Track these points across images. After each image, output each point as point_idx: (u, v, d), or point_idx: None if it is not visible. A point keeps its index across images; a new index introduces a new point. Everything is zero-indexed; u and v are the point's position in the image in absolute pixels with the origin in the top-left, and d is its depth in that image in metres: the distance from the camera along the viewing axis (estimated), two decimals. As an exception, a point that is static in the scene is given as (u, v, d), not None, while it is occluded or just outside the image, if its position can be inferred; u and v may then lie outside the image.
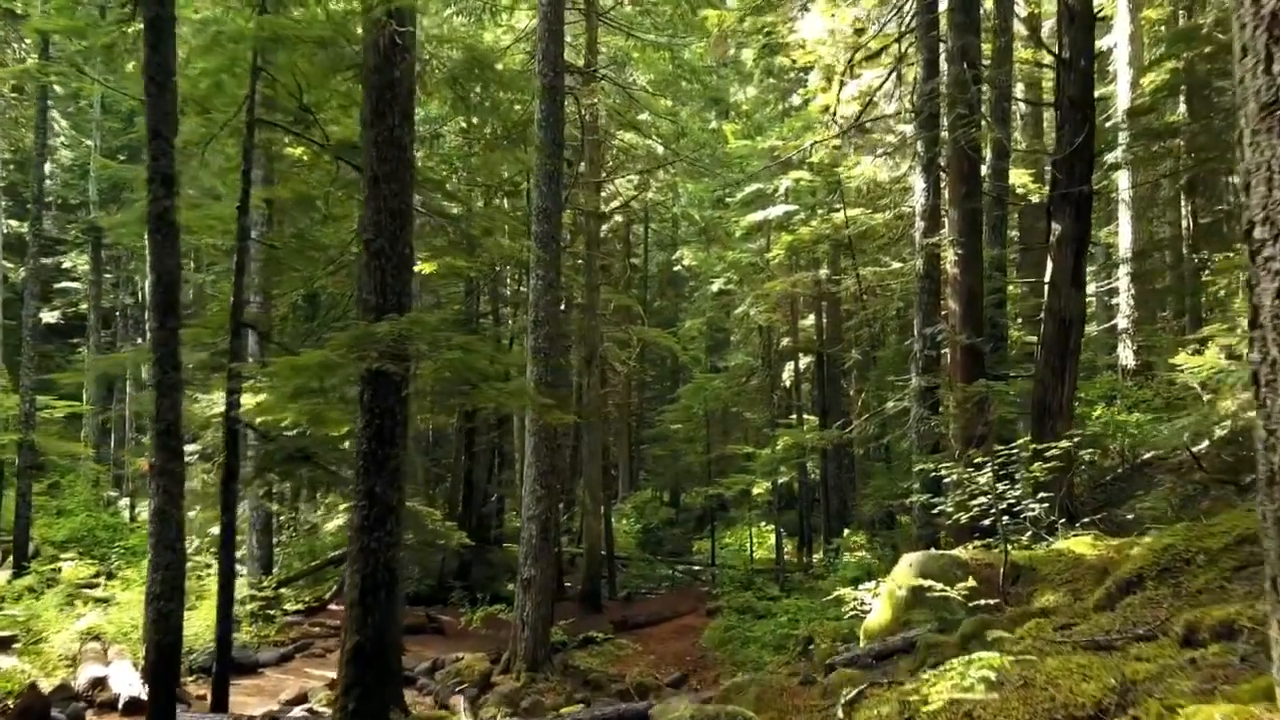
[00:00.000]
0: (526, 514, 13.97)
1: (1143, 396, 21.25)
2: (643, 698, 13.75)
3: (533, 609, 13.69)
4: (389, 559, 6.57)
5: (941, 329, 12.25)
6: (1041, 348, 12.31)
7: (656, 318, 36.88)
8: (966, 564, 8.21)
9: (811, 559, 24.65)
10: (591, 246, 21.00)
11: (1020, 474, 8.13)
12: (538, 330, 13.95)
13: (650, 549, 31.08)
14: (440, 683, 13.10)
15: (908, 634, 7.56)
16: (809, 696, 6.86)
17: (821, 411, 24.61)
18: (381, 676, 6.52)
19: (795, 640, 15.40)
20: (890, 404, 13.08)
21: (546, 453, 13.89)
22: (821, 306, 25.51)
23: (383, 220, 6.78)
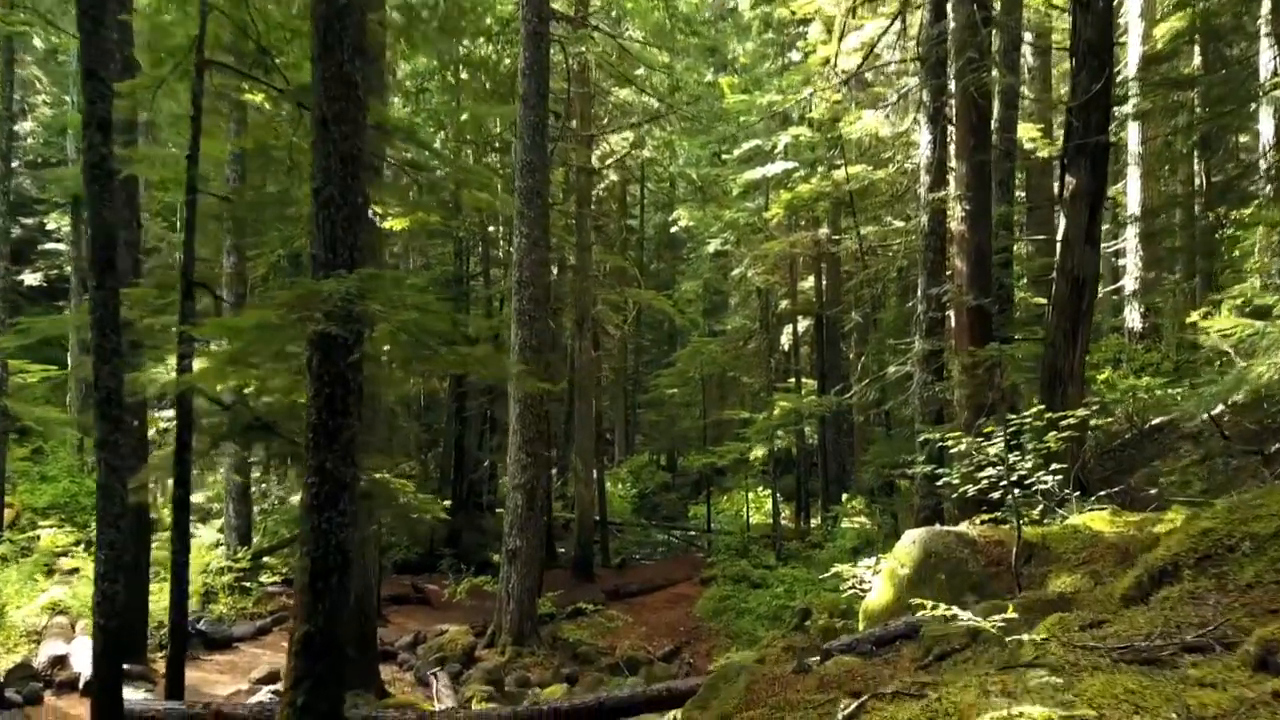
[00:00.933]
0: (512, 483, 13.40)
1: (1149, 360, 20.63)
2: (633, 672, 13.28)
3: (518, 581, 13.17)
4: (342, 540, 5.97)
5: (947, 289, 11.59)
6: (1052, 309, 11.65)
7: (653, 280, 36.14)
8: (974, 542, 7.62)
9: (809, 525, 24.17)
10: (583, 205, 20.26)
11: (1031, 444, 7.51)
12: (522, 292, 13.29)
13: (646, 514, 30.63)
14: (422, 658, 12.60)
15: (911, 618, 6.99)
16: (803, 689, 6.29)
17: (820, 376, 24.02)
18: (335, 668, 5.94)
19: (791, 612, 14.90)
20: (892, 369, 12.45)
21: (532, 420, 13.29)
22: (821, 268, 24.80)
23: (332, 166, 6.09)
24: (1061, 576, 6.73)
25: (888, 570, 7.99)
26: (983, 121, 12.08)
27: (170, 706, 7.42)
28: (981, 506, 8.87)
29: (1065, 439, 7.67)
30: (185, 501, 8.15)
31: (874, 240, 20.57)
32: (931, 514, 11.59)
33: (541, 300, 13.45)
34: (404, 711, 7.31)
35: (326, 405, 6.04)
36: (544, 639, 13.66)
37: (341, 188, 6.15)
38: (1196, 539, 4.87)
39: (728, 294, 33.22)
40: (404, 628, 15.02)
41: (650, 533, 27.64)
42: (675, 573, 20.42)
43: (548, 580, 19.71)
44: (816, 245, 22.14)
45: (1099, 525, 7.52)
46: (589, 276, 20.15)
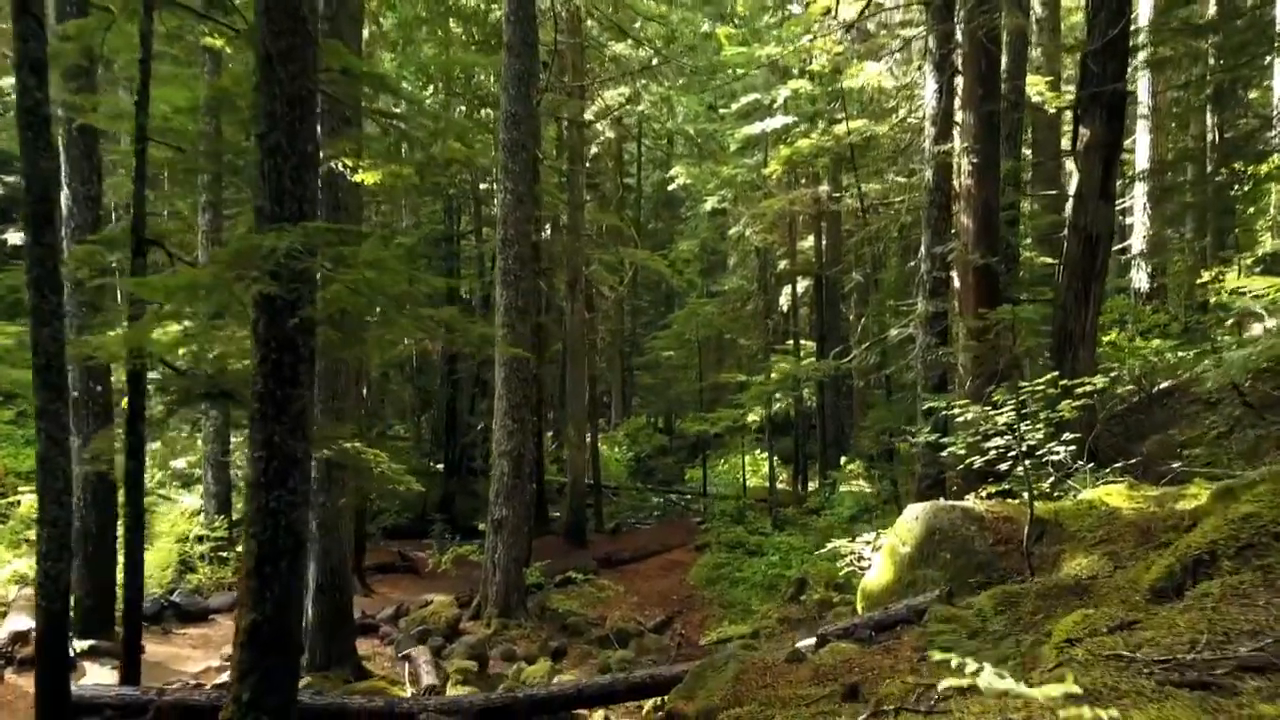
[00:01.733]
0: (498, 450, 12.90)
1: (1156, 321, 20.05)
2: (623, 644, 12.87)
3: (505, 551, 12.71)
4: (293, 521, 5.45)
5: (952, 248, 11.00)
6: (1063, 268, 11.07)
7: (651, 240, 35.42)
8: (981, 518, 7.11)
9: (806, 488, 23.75)
10: (575, 161, 19.56)
11: (1043, 413, 6.97)
12: (507, 250, 12.69)
13: (642, 478, 30.22)
14: (404, 631, 12.17)
15: (913, 601, 6.50)
16: (796, 680, 5.81)
17: (819, 338, 23.46)
18: (286, 661, 5.45)
19: (787, 582, 14.50)
20: (893, 331, 11.89)
21: (518, 384, 12.75)
22: (821, 227, 24.13)
23: (278, 110, 5.49)
24: (1077, 558, 6.22)
25: (888, 547, 7.50)
26: (992, 69, 11.42)
27: (122, 693, 6.96)
28: (987, 478, 8.35)
29: (1080, 407, 7.14)
30: (139, 475, 7.61)
31: (875, 198, 19.90)
32: (933, 483, 11.10)
33: (527, 260, 12.85)
34: (370, 697, 6.85)
35: (274, 373, 5.49)
36: (531, 610, 13.24)
37: (289, 134, 5.55)
38: (1237, 525, 4.34)
39: (726, 254, 32.57)
40: (388, 598, 14.60)
41: (646, 496, 27.24)
42: (670, 538, 20.00)
43: (539, 547, 19.32)
44: (816, 203, 21.45)
45: (1115, 500, 7.01)
46: (581, 236, 19.50)
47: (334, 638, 9.81)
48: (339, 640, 9.87)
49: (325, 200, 9.74)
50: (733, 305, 26.47)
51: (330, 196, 9.72)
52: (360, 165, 9.11)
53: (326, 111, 9.64)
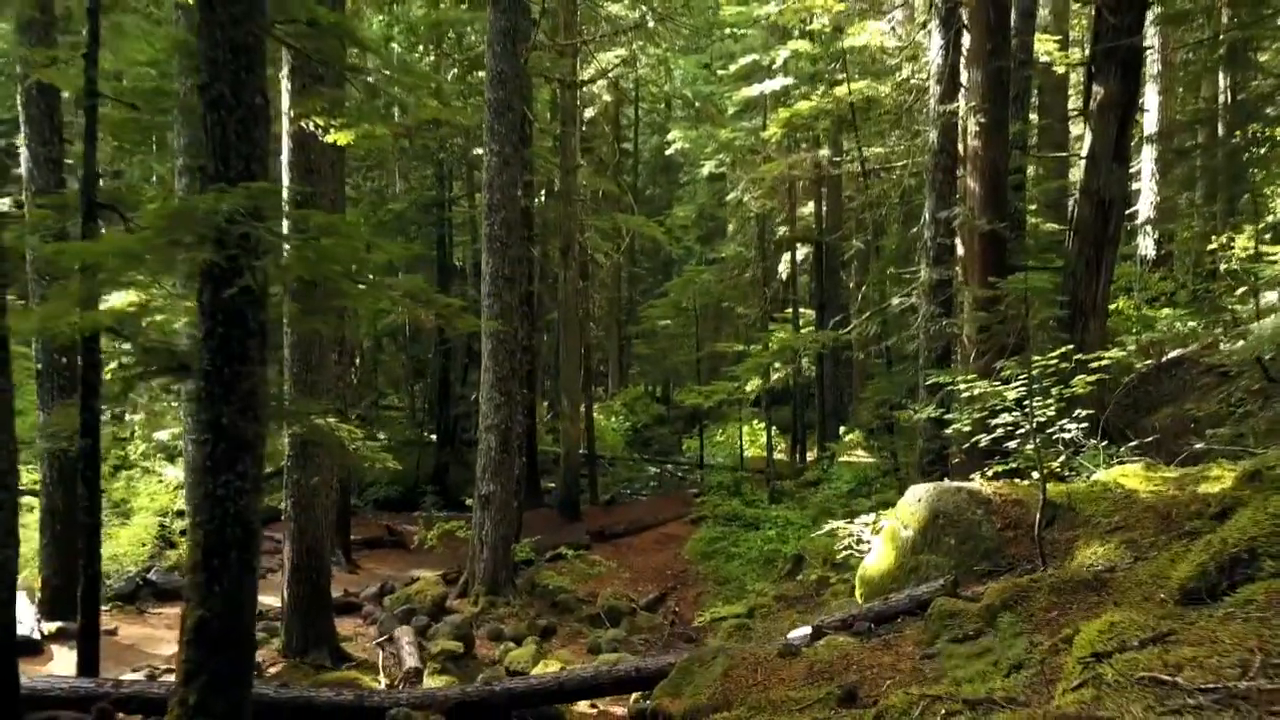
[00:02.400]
0: (484, 423, 12.46)
1: (1163, 289, 19.55)
2: (614, 623, 12.51)
3: (492, 528, 12.32)
4: (242, 509, 5.02)
5: (958, 212, 10.48)
6: (1074, 234, 10.60)
7: (649, 206, 34.79)
8: (988, 501, 6.68)
9: (804, 459, 23.36)
10: (567, 123, 18.96)
11: (1055, 389, 6.51)
12: (493, 216, 12.18)
13: (638, 448, 29.84)
14: (388, 610, 11.78)
15: (915, 590, 6.08)
16: (790, 677, 5.40)
17: (819, 306, 22.97)
18: (237, 661, 5.03)
19: (784, 559, 14.13)
20: (895, 300, 11.39)
21: (505, 356, 12.29)
22: (821, 192, 23.55)
23: (220, 57, 4.97)
24: (1092, 545, 5.79)
25: (889, 531, 7.08)
26: (1001, 23, 10.85)
27: (76, 685, 6.56)
28: (993, 456, 7.92)
29: (1095, 382, 6.68)
30: (93, 453, 7.17)
31: (877, 162, 19.31)
32: (935, 459, 10.67)
33: (514, 225, 12.33)
34: (339, 690, 6.46)
35: (221, 349, 5.03)
36: (520, 587, 12.87)
37: (233, 84, 5.04)
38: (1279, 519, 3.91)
39: (725, 220, 31.95)
40: (374, 574, 14.23)
41: (642, 467, 26.88)
42: (665, 511, 19.62)
43: (532, 520, 18.96)
44: (816, 168, 20.85)
45: (1132, 482, 6.57)
46: (574, 201, 18.93)
47: (311, 620, 9.43)
48: (316, 622, 9.48)
49: (296, 163, 9.23)
50: (731, 273, 25.92)
51: (301, 159, 9.20)
52: (332, 125, 8.58)
53: (296, 68, 9.11)
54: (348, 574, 13.97)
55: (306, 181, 9.19)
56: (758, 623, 11.52)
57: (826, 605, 11.03)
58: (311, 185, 9.20)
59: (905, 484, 15.46)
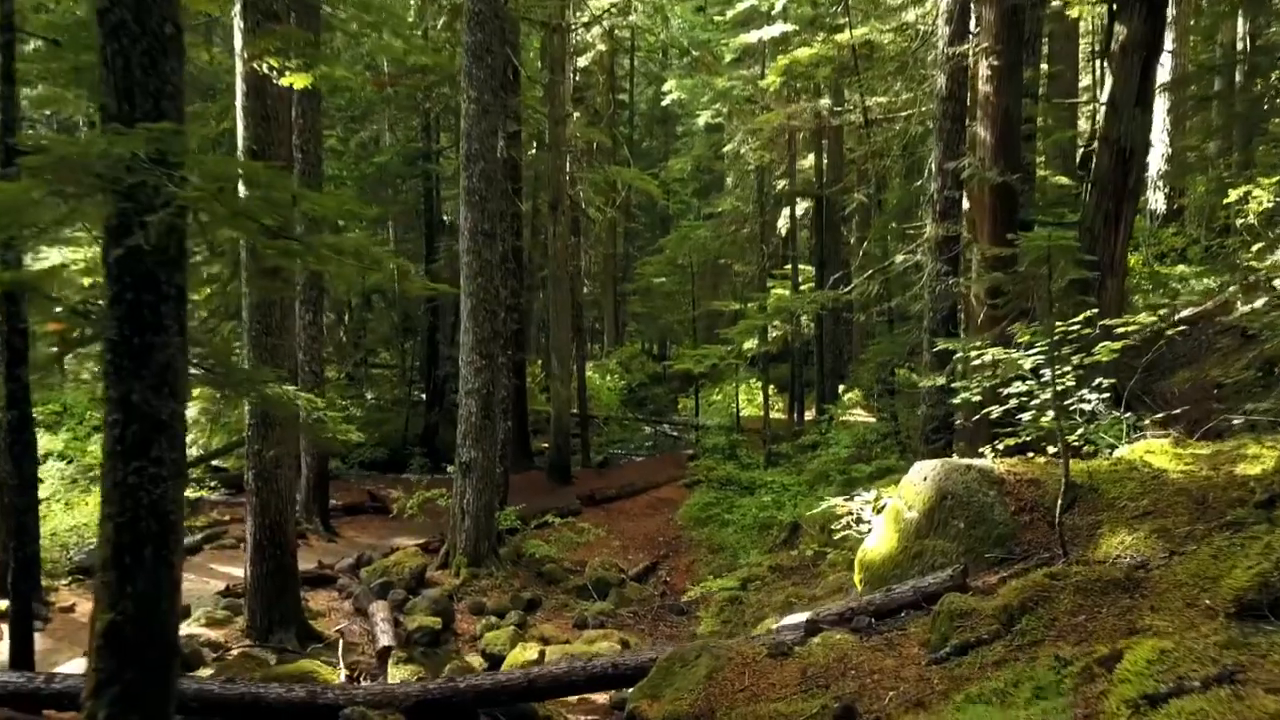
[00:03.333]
0: (465, 388, 11.85)
1: (1173, 244, 18.85)
2: (602, 595, 12.00)
3: (474, 496, 11.76)
4: (158, 500, 4.41)
5: (967, 163, 9.77)
6: (1092, 187, 9.88)
7: (645, 159, 33.89)
8: (1001, 480, 6.08)
9: (802, 419, 22.80)
10: (556, 71, 18.09)
11: (1075, 356, 5.87)
12: (471, 166, 11.45)
13: (634, 407, 29.28)
14: (364, 583, 11.26)
15: (921, 581, 5.50)
16: (781, 681, 4.84)
17: (819, 263, 22.27)
18: (155, 670, 4.45)
19: (779, 527, 13.60)
20: (899, 258, 10.71)
21: (486, 316, 11.63)
22: (822, 145, 22.74)
23: (121, -24, 4.26)
24: (1118, 533, 5.20)
25: (891, 511, 6.48)
26: (1017, -43, 10.03)
27: (5, 680, 6.00)
28: (1003, 427, 7.28)
29: (1122, 349, 6.04)
30: (21, 426, 6.55)
31: (880, 112, 18.49)
32: (940, 426, 10.08)
33: (494, 178, 11.61)
34: (290, 686, 5.91)
35: (130, 316, 4.37)
36: (504, 557, 12.34)
37: (136, 9, 4.32)
38: (1359, 523, 3.29)
39: (723, 173, 31.07)
40: (354, 543, 13.70)
41: (637, 427, 26.34)
42: (658, 474, 19.09)
43: (522, 484, 18.43)
44: (817, 118, 20.01)
45: (1159, 460, 5.97)
46: (564, 153, 18.14)
47: (275, 599, 8.89)
48: (281, 602, 8.95)
49: (252, 110, 8.49)
50: (728, 228, 25.13)
51: (257, 105, 8.46)
52: (287, 67, 7.86)
53: (248, 4, 8.35)
54: (326, 542, 13.45)
55: (264, 130, 8.47)
56: (751, 595, 11.00)
57: (823, 578, 10.51)
58: (269, 134, 8.48)
59: (907, 449, 14.93)
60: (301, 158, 13.39)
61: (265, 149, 8.43)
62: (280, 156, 8.62)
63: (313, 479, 13.82)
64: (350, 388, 26.66)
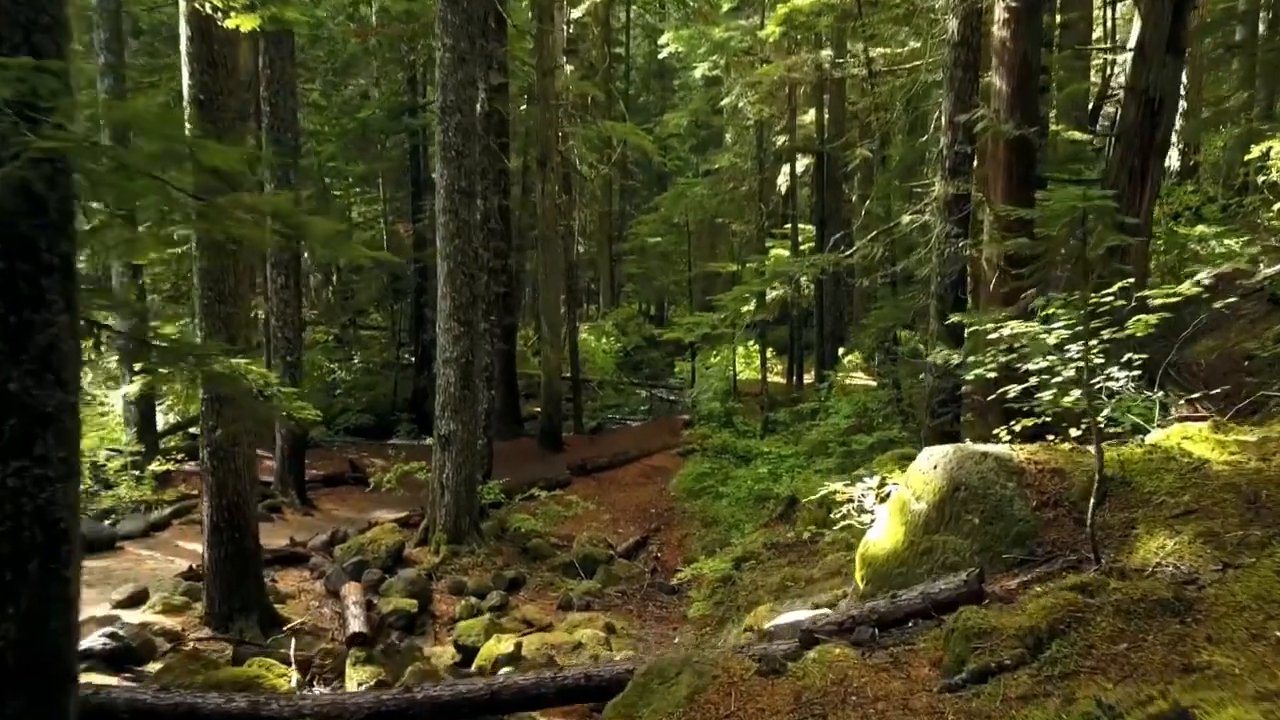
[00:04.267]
0: (443, 356, 11.20)
1: (1189, 202, 18.09)
2: (589, 573, 11.44)
3: (453, 470, 11.15)
4: (45, 504, 3.80)
5: (981, 114, 9.02)
6: (1117, 141, 9.16)
7: (642, 115, 32.90)
8: (1020, 470, 5.43)
9: (801, 383, 22.18)
10: (544, 20, 17.22)
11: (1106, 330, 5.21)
12: (447, 119, 10.69)
13: (629, 371, 28.64)
14: (338, 561, 10.69)
15: (931, 587, 4.87)
16: (770, 705, 4.23)
17: (819, 222, 21.49)
18: (43, 698, 3.85)
19: (776, 500, 13.02)
20: (906, 218, 9.99)
21: (465, 281, 10.94)
22: (823, 99, 21.84)
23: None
24: (1157, 536, 4.57)
25: (897, 501, 5.85)
26: (1037, -111, 9.22)
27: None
28: (1019, 407, 6.61)
29: (1159, 323, 5.36)
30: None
31: (884, 64, 17.62)
32: (948, 399, 9.43)
33: (471, 131, 10.84)
34: (230, 697, 5.32)
35: (3, 291, 3.71)
36: (487, 533, 11.77)
37: (1, -78, 3.61)
38: None
39: (721, 129, 30.13)
40: (332, 517, 13.14)
41: (632, 392, 25.71)
42: (652, 441, 18.51)
43: (510, 452, 17.85)
44: (818, 71, 19.13)
45: (1199, 447, 5.32)
46: (553, 106, 17.31)
47: (236, 585, 8.31)
48: (242, 587, 8.37)
49: (196, 55, 7.74)
50: (726, 186, 24.30)
51: (202, 50, 7.70)
52: (232, 7, 7.10)
53: (191, -64, 7.56)
54: (302, 516, 12.88)
55: (210, 77, 7.72)
56: (745, 575, 10.43)
57: (821, 557, 9.93)
58: (216, 82, 7.73)
59: (910, 418, 14.31)
60: (270, 111, 12.64)
61: (213, 98, 7.70)
62: (231, 108, 7.89)
63: (287, 450, 13.22)
64: (338, 350, 26.03)
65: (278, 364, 12.97)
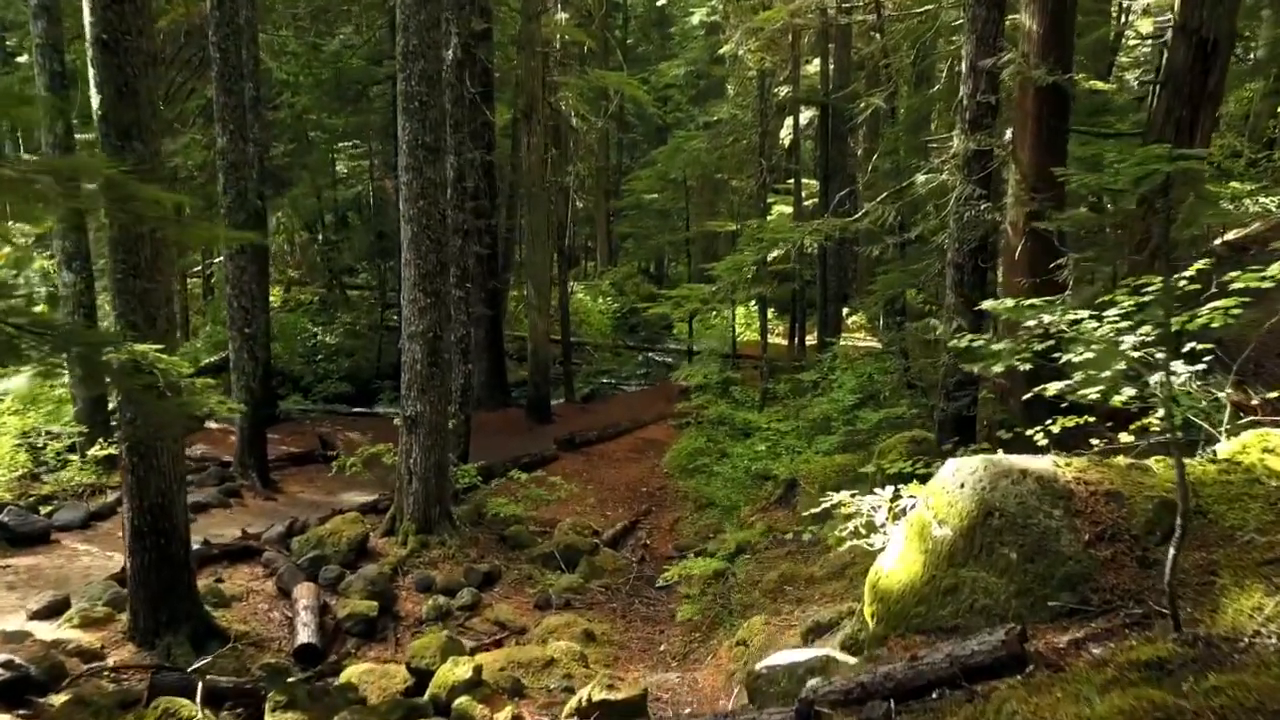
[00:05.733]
0: (407, 330, 10.19)
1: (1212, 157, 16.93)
2: (571, 565, 10.51)
3: (421, 455, 10.21)
4: None
5: (1009, 58, 7.90)
6: (1163, 88, 8.05)
7: (640, 65, 31.51)
8: (1069, 493, 4.44)
9: (803, 346, 21.19)
10: (527, -42, 15.94)
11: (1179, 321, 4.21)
12: (409, 66, 9.58)
13: (627, 333, 27.61)
14: (296, 555, 9.78)
15: (961, 648, 3.90)
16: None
17: (823, 177, 20.36)
18: None
19: (775, 482, 12.08)
20: (920, 178, 8.89)
21: (432, 246, 9.90)
22: (828, 48, 20.55)
23: None
24: (1250, 590, 3.60)
25: (916, 523, 4.87)
26: None
27: None
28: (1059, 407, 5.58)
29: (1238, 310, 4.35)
30: None
31: (894, 8, 16.38)
32: (966, 379, 8.42)
33: (437, 79, 9.72)
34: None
35: None
36: (462, 519, 10.87)
37: None
38: None
39: (721, 80, 28.76)
40: (296, 500, 12.22)
41: (629, 356, 24.69)
42: (647, 410, 17.58)
43: (497, 424, 16.93)
44: (823, 16, 17.87)
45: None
46: (538, 53, 16.10)
47: (163, 595, 7.39)
48: (171, 598, 7.45)
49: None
50: (726, 140, 23.03)
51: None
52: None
53: None
54: (263, 500, 11.94)
55: (115, 14, 6.62)
56: (740, 569, 9.54)
57: (824, 552, 9.03)
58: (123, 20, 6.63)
59: (919, 391, 13.29)
60: (220, 58, 11.49)
61: (118, 40, 6.61)
62: (143, 50, 6.79)
63: (247, 429, 12.26)
64: (322, 313, 25.01)
65: (235, 337, 11.97)
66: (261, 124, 15.36)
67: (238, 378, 12.01)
